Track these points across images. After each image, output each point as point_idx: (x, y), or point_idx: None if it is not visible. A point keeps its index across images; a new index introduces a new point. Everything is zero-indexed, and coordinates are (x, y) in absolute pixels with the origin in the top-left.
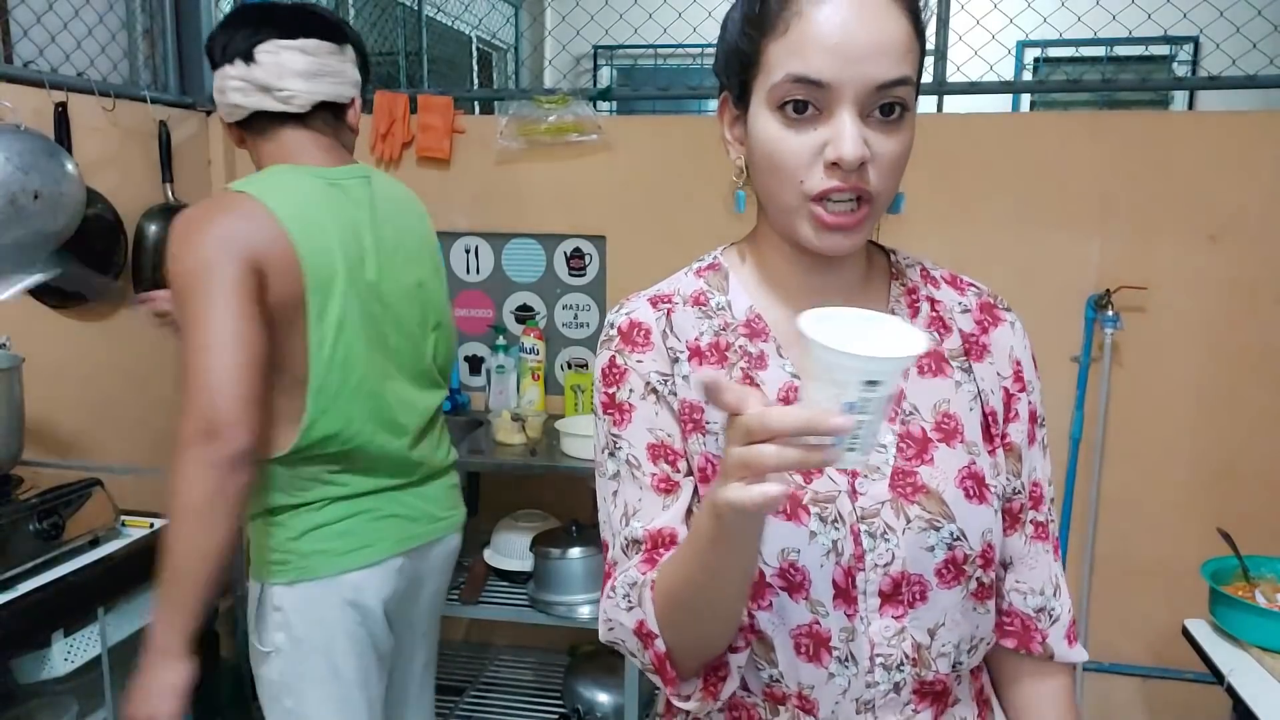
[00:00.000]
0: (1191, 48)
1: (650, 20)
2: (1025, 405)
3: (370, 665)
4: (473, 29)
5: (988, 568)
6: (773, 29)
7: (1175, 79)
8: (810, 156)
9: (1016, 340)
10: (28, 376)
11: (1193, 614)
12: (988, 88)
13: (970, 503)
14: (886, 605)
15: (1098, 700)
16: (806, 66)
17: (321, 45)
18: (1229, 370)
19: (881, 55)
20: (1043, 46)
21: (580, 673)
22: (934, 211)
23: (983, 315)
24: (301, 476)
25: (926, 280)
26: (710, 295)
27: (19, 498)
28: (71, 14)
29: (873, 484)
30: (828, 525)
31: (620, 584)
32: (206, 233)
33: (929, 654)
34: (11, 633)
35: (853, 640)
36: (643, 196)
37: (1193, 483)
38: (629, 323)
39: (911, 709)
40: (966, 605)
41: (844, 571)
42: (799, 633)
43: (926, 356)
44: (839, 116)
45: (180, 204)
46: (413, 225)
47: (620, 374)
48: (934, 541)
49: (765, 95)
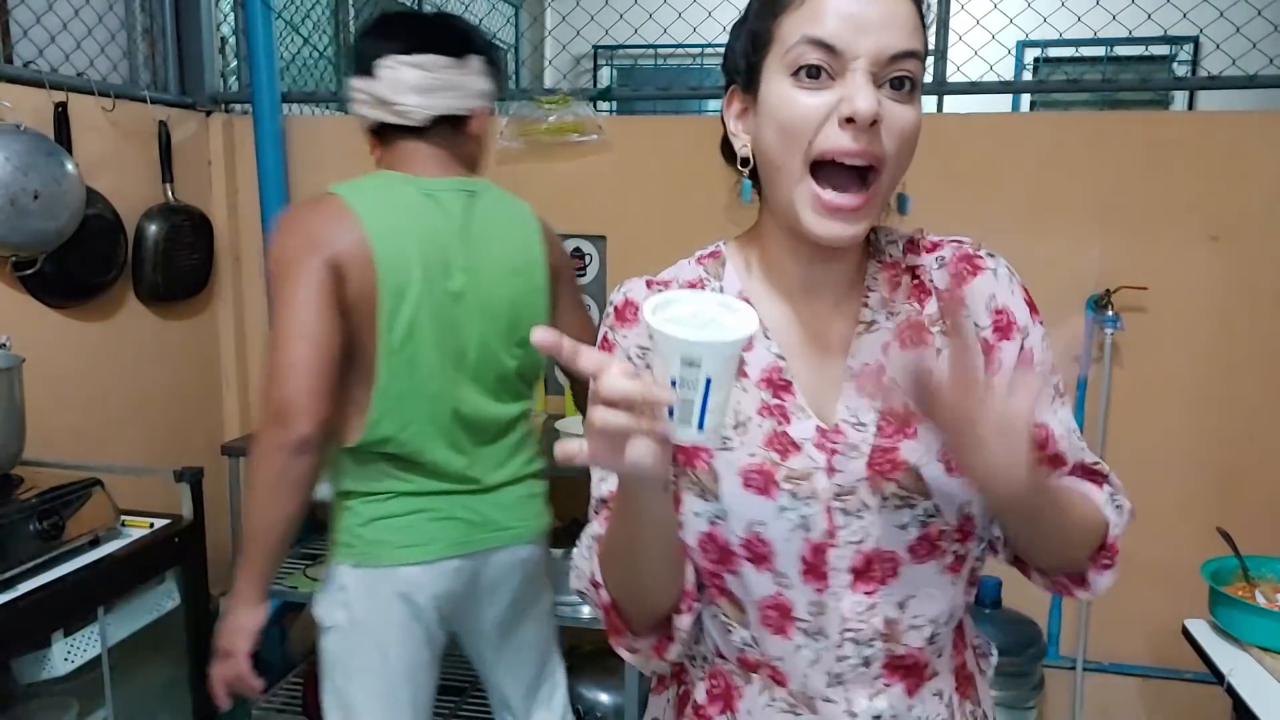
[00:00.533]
0: (1191, 48)
1: (650, 20)
2: (1012, 352)
3: (420, 660)
4: None
5: (965, 540)
6: (788, 5)
7: (1175, 79)
8: (822, 115)
9: (1000, 287)
10: (28, 376)
11: (1193, 614)
12: (988, 88)
13: (952, 475)
14: (858, 581)
15: (1098, 700)
16: (822, 30)
17: (439, 60)
18: (1229, 370)
19: (894, 27)
20: (1043, 46)
21: (580, 673)
22: (934, 211)
23: (960, 265)
24: (370, 468)
25: (909, 251)
26: (706, 281)
27: (19, 498)
28: (71, 14)
29: (850, 462)
30: (799, 501)
31: (586, 535)
32: (295, 230)
33: (900, 627)
34: (11, 633)
35: (822, 614)
36: (643, 196)
37: (1193, 483)
38: (624, 301)
39: (882, 682)
40: (942, 579)
41: (813, 547)
42: (764, 604)
43: (907, 328)
44: (852, 78)
45: (180, 204)
46: (518, 241)
47: (609, 349)
48: (907, 519)
49: (779, 62)
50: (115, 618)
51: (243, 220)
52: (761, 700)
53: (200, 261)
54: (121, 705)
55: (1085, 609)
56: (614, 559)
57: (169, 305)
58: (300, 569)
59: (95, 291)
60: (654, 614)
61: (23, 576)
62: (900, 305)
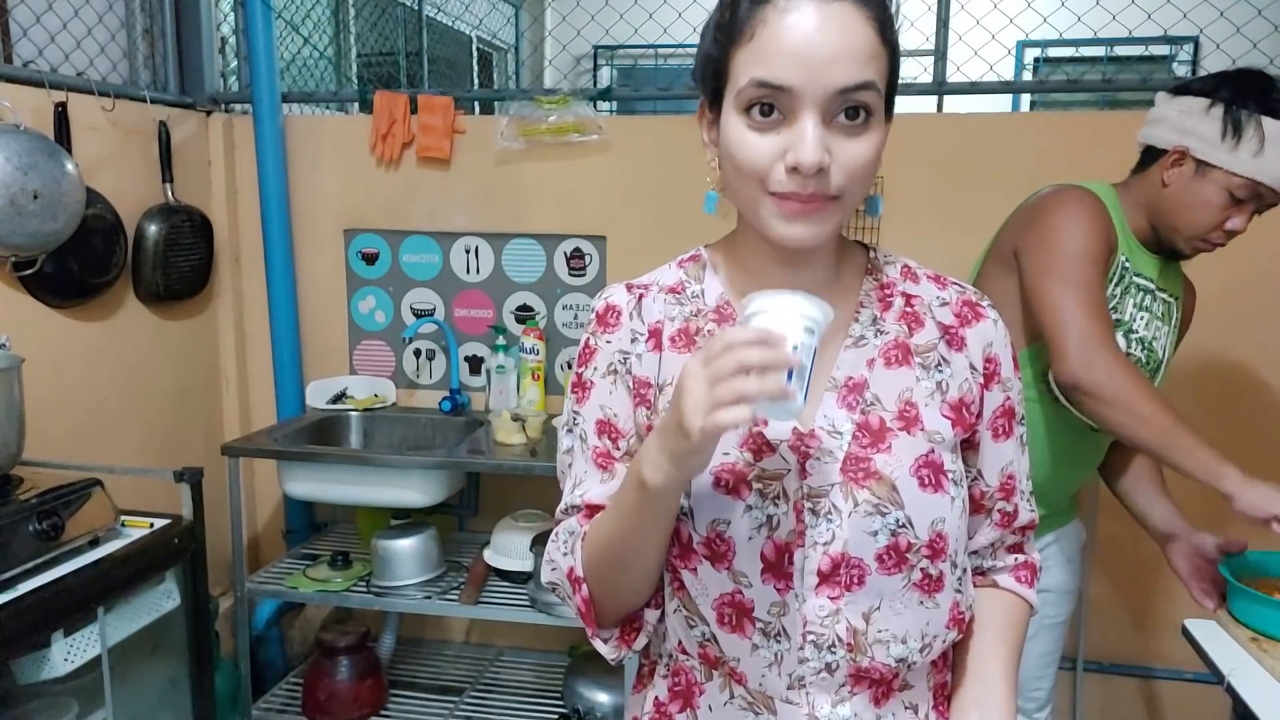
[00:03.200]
0: (1191, 48)
1: (650, 20)
2: (998, 399)
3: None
4: (473, 29)
5: (936, 558)
6: (740, 36)
7: (1175, 79)
8: (772, 158)
9: (997, 337)
10: (28, 376)
11: (1193, 614)
12: (988, 88)
13: (924, 491)
14: (823, 585)
15: (1098, 700)
16: (769, 71)
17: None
18: (1229, 370)
19: (843, 61)
20: (1043, 46)
21: (580, 673)
22: (933, 211)
23: (964, 309)
24: None
25: (906, 277)
26: (687, 284)
27: (19, 498)
28: (71, 14)
29: (824, 466)
30: (767, 501)
31: (562, 530)
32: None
33: (864, 639)
34: (11, 633)
35: (784, 615)
36: (643, 196)
37: (1193, 483)
38: (605, 306)
39: (847, 690)
40: (910, 596)
41: (776, 546)
42: (720, 602)
43: (893, 347)
44: (801, 121)
45: (180, 204)
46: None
47: (590, 354)
48: (877, 526)
49: (733, 100)
50: (115, 618)
51: (243, 220)
52: (721, 697)
53: (200, 262)
54: (121, 705)
55: (1085, 609)
56: (609, 557)
57: (169, 305)
58: (300, 569)
59: (95, 291)
60: (629, 609)
61: (22, 577)
62: (889, 325)
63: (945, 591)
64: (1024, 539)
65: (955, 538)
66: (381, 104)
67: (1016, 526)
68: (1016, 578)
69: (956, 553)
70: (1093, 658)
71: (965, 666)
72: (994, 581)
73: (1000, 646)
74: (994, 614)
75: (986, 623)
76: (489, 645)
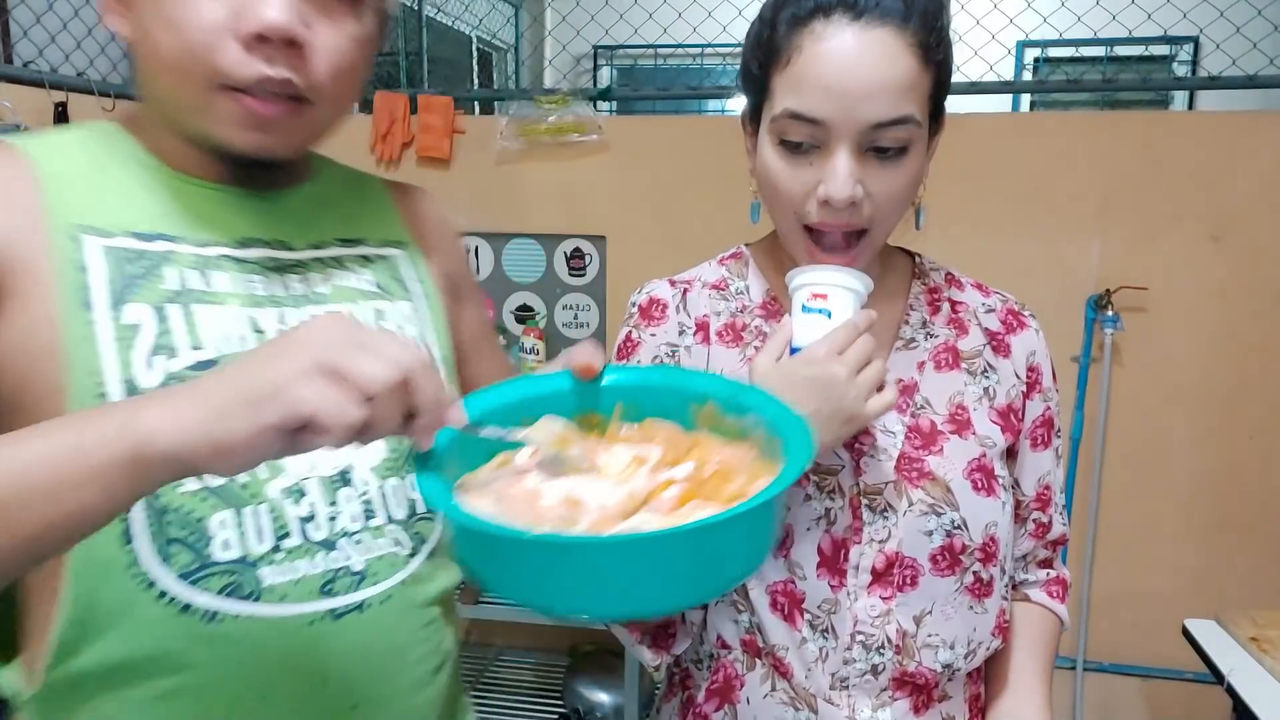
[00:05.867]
0: (1191, 48)
1: (650, 20)
2: (1038, 409)
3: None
4: (473, 29)
5: (988, 562)
6: (777, 60)
7: (1175, 79)
8: (805, 190)
9: (1039, 346)
10: None
11: (1193, 614)
12: (988, 88)
13: (977, 494)
14: (876, 584)
15: (1098, 700)
16: (803, 104)
17: None
18: (1230, 370)
19: (880, 95)
20: (1043, 46)
21: (580, 673)
22: (933, 211)
23: (1009, 317)
24: None
25: (951, 284)
26: (730, 281)
27: None
28: (71, 14)
29: (878, 464)
30: (823, 494)
31: None
32: None
33: (914, 643)
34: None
35: (835, 613)
36: (643, 196)
37: (1193, 483)
38: (649, 300)
39: (889, 695)
40: (960, 600)
41: (834, 541)
42: (774, 589)
43: (943, 350)
44: (834, 155)
45: None
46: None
47: (633, 347)
48: (933, 526)
49: (769, 124)
50: None
51: None
52: (762, 689)
53: None
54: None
55: (1086, 609)
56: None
57: None
58: None
59: None
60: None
61: None
62: (939, 329)
63: (994, 597)
64: (1054, 554)
65: (1005, 542)
66: (381, 104)
67: (1049, 540)
68: (1049, 592)
69: (1005, 558)
70: (1093, 658)
71: (1000, 679)
72: (1026, 595)
73: (1033, 661)
74: (1028, 627)
75: (1020, 636)
76: (489, 645)
